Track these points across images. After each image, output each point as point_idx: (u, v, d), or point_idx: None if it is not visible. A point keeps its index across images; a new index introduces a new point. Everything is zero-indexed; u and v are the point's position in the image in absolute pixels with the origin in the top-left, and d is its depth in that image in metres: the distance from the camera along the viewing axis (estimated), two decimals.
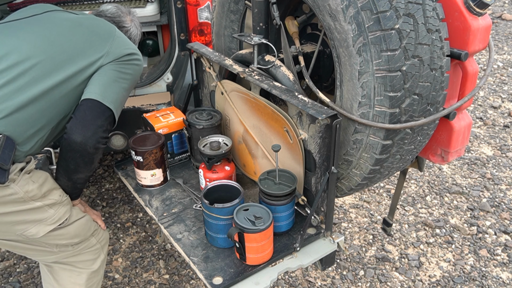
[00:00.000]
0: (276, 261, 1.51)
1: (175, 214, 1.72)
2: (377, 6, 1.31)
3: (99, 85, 1.60)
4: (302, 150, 1.56)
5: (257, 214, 1.46)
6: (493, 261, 2.53)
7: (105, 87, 1.61)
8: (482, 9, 1.42)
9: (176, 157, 2.01)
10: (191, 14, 2.44)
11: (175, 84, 2.58)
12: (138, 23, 2.02)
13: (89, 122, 1.54)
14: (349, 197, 3.04)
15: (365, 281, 2.44)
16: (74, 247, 1.71)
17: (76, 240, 1.68)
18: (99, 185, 3.20)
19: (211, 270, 1.46)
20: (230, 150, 1.76)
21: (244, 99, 1.78)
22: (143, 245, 2.69)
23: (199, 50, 1.94)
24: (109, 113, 1.59)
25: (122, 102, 1.68)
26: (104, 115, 1.57)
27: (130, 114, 2.45)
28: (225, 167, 1.76)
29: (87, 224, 1.72)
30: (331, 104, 1.53)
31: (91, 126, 1.54)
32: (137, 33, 2.00)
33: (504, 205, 2.94)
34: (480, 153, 3.47)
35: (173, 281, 2.46)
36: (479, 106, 4.11)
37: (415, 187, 3.13)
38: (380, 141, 1.43)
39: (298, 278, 2.46)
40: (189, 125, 1.88)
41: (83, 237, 1.71)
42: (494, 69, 4.77)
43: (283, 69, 1.68)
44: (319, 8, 1.45)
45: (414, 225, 2.80)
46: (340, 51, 1.43)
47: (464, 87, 1.53)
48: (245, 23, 2.00)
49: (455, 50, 1.46)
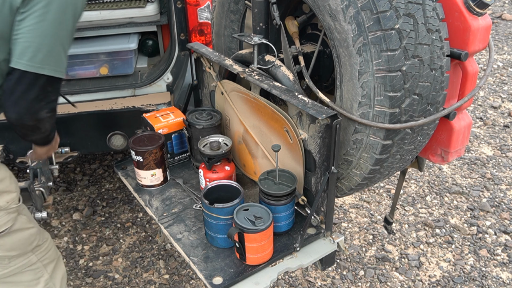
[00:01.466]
0: (276, 261, 1.51)
1: (175, 214, 1.72)
2: (377, 6, 1.31)
3: (20, 44, 1.33)
4: (302, 150, 1.56)
5: (257, 214, 1.46)
6: (493, 261, 2.53)
7: (29, 45, 1.32)
8: (482, 9, 1.42)
9: (176, 157, 2.01)
10: (191, 14, 2.44)
11: (175, 84, 2.58)
12: None
13: (19, 98, 1.35)
14: (349, 197, 3.04)
15: (365, 281, 2.44)
16: (10, 261, 1.59)
17: (13, 253, 1.57)
18: (99, 185, 3.20)
19: (211, 270, 1.46)
20: (230, 150, 1.76)
21: (244, 99, 1.78)
22: (143, 245, 2.69)
23: (199, 50, 1.94)
24: (42, 80, 1.36)
25: (59, 50, 1.39)
26: (35, 86, 1.36)
27: (130, 114, 2.45)
28: (225, 167, 1.76)
29: (29, 239, 1.60)
30: (331, 104, 1.53)
31: (21, 101, 1.36)
32: None
33: (504, 205, 2.93)
34: (480, 153, 3.47)
35: (173, 281, 2.45)
36: (479, 106, 4.11)
37: (415, 187, 3.13)
38: (380, 141, 1.43)
39: (298, 278, 2.46)
40: (189, 125, 1.88)
41: (21, 251, 1.59)
42: (494, 69, 4.77)
43: (283, 69, 1.68)
44: (319, 8, 1.45)
45: (414, 225, 2.80)
46: (340, 51, 1.43)
47: (464, 87, 1.53)
48: (245, 23, 2.00)
49: (455, 50, 1.46)
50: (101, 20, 2.54)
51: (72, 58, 2.53)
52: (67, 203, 3.05)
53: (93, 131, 2.49)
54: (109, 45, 2.60)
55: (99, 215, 2.93)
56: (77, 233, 2.80)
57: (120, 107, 2.45)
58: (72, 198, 3.09)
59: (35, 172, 2.16)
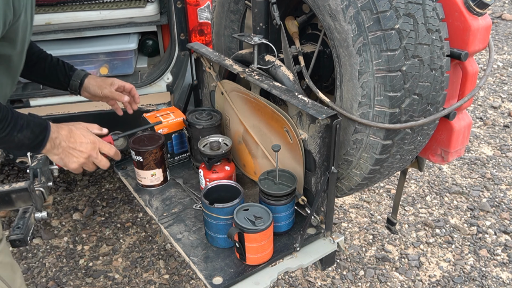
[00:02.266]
0: (276, 261, 1.51)
1: (175, 214, 1.72)
2: (377, 6, 1.31)
3: None
4: (302, 150, 1.56)
5: (257, 214, 1.46)
6: (493, 261, 2.53)
7: None
8: (482, 9, 1.42)
9: (176, 157, 2.01)
10: (191, 14, 2.44)
11: (175, 84, 2.58)
12: None
13: None
14: (349, 197, 3.04)
15: (365, 281, 2.44)
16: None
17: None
18: (99, 185, 3.20)
19: (211, 270, 1.46)
20: (230, 150, 1.76)
21: (244, 99, 1.78)
22: (143, 245, 2.69)
23: (199, 50, 1.94)
24: None
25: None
26: None
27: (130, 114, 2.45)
28: (225, 167, 1.76)
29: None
30: (331, 104, 1.53)
31: None
32: None
33: (504, 205, 2.93)
34: (480, 153, 3.47)
35: (173, 281, 2.45)
36: (479, 106, 4.11)
37: (415, 187, 3.13)
38: (380, 141, 1.43)
39: (298, 278, 2.46)
40: (189, 125, 1.88)
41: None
42: (494, 69, 4.77)
43: (283, 69, 1.68)
44: (319, 8, 1.45)
45: (414, 225, 2.80)
46: (340, 51, 1.43)
47: (464, 87, 1.53)
48: (245, 23, 2.00)
49: (455, 50, 1.46)
50: (101, 20, 2.54)
51: (72, 58, 2.54)
52: (67, 203, 3.05)
53: None
54: (109, 45, 2.60)
55: (99, 215, 2.93)
56: (77, 233, 2.80)
57: (120, 107, 2.45)
58: (72, 198, 3.09)
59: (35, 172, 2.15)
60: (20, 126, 1.22)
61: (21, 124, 1.23)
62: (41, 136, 1.28)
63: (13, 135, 1.22)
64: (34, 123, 1.27)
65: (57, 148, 1.34)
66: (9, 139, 1.22)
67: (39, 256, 2.64)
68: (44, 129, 1.29)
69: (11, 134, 1.21)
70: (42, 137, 1.29)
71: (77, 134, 1.38)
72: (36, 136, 1.27)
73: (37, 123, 1.28)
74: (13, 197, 1.94)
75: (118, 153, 1.48)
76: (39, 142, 1.28)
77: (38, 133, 1.27)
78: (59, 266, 2.57)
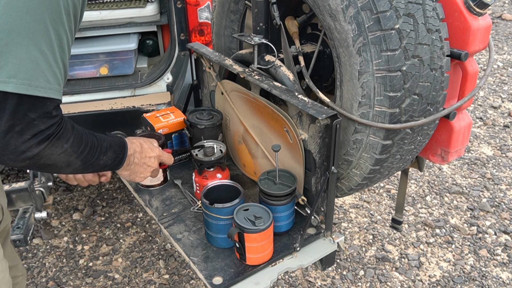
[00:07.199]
0: (276, 261, 1.51)
1: (175, 214, 1.72)
2: (377, 6, 1.31)
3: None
4: (302, 150, 1.56)
5: (257, 214, 1.46)
6: (493, 261, 2.53)
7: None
8: (482, 9, 1.42)
9: (176, 157, 2.01)
10: (191, 14, 2.44)
11: (175, 84, 2.58)
12: None
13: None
14: (349, 197, 3.04)
15: (365, 281, 2.44)
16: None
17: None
18: (99, 185, 3.20)
19: (211, 270, 1.46)
20: (223, 157, 1.72)
21: (244, 99, 1.78)
22: (143, 245, 2.69)
23: (199, 50, 1.94)
24: (12, 101, 0.93)
25: (34, 55, 0.94)
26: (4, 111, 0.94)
27: (130, 114, 2.45)
28: (217, 175, 1.73)
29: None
30: (331, 104, 1.53)
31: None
32: None
33: (504, 205, 2.93)
34: (480, 153, 3.47)
35: (173, 281, 2.45)
36: (479, 106, 4.11)
37: (415, 187, 3.13)
38: (380, 141, 1.43)
39: (298, 278, 2.46)
40: (191, 125, 1.88)
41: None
42: (494, 69, 4.77)
43: (283, 69, 1.68)
44: (319, 8, 1.45)
45: (414, 225, 2.80)
46: (340, 51, 1.43)
47: (464, 87, 1.54)
48: (245, 23, 2.00)
49: (455, 50, 1.46)
50: (101, 20, 2.54)
51: (72, 58, 2.53)
52: (67, 203, 3.05)
53: (93, 131, 2.49)
54: (109, 45, 2.60)
55: (99, 215, 2.93)
56: (77, 233, 2.80)
57: (120, 107, 2.45)
58: (72, 198, 3.09)
59: (35, 172, 2.15)
60: (105, 149, 1.22)
61: (106, 146, 1.23)
62: (121, 155, 1.28)
63: (99, 159, 1.20)
64: (115, 143, 1.27)
65: (131, 165, 1.35)
66: (97, 163, 1.20)
67: (39, 256, 2.64)
68: (124, 147, 1.29)
69: (98, 159, 1.20)
70: (122, 155, 1.28)
71: (146, 149, 1.41)
72: (117, 155, 1.27)
73: (117, 143, 1.28)
74: (13, 197, 1.94)
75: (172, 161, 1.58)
76: (119, 161, 1.28)
77: (119, 152, 1.27)
78: (59, 266, 2.57)
